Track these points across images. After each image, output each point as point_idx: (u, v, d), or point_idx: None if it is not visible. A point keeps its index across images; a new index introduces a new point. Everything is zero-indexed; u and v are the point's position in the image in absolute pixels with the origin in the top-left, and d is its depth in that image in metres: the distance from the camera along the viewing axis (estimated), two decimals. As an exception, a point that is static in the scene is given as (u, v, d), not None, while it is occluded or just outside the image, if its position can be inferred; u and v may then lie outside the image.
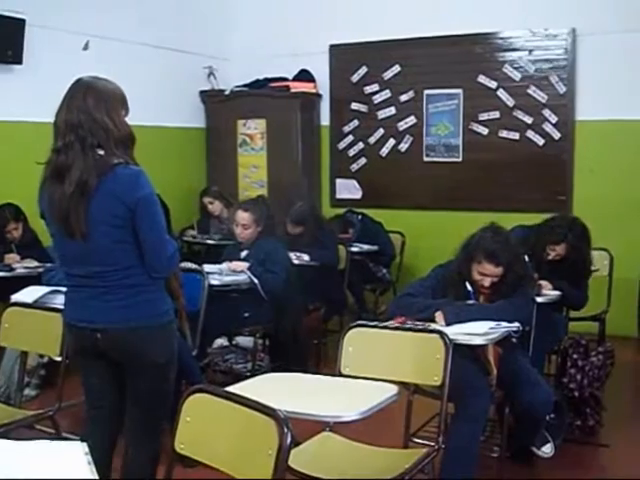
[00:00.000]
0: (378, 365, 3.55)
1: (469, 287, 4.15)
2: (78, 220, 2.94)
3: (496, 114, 7.83)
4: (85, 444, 2.15)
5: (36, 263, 5.80)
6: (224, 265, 5.66)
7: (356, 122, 8.55)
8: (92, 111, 2.96)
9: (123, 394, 3.22)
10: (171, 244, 3.15)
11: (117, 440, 3.31)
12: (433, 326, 3.78)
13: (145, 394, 3.17)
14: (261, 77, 8.66)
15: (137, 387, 3.16)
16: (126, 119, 3.10)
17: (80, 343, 3.22)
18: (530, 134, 7.70)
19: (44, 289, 4.61)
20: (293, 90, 8.46)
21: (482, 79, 7.86)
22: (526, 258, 4.46)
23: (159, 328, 3.14)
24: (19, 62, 6.42)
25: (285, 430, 2.24)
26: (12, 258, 5.97)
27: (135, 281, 3.06)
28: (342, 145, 8.66)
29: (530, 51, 7.65)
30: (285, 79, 8.59)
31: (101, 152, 2.97)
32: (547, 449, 4.35)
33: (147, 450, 3.22)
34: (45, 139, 3.06)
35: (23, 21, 6.33)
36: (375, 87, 8.40)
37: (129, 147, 3.06)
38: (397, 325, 3.80)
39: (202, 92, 8.75)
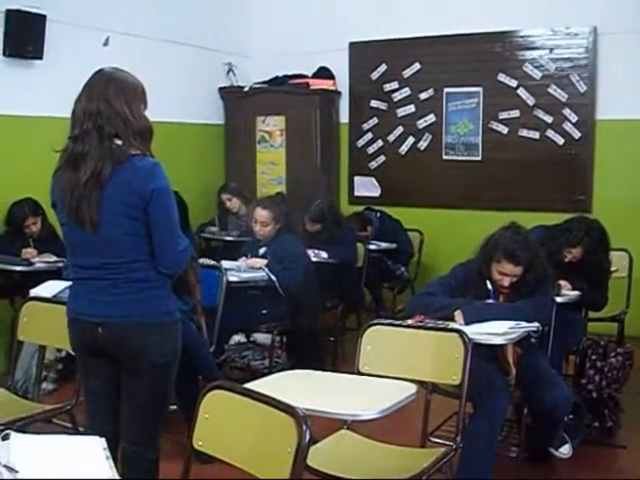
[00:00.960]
0: (396, 363, 3.55)
1: (490, 286, 4.13)
2: (90, 209, 2.92)
3: (516, 113, 7.80)
4: (104, 439, 2.15)
5: (55, 258, 5.80)
6: (242, 261, 5.67)
7: (375, 120, 8.54)
8: (112, 100, 2.95)
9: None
10: (183, 240, 3.10)
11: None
12: (452, 325, 3.77)
13: (143, 394, 3.10)
14: (280, 74, 8.65)
15: (136, 387, 3.09)
16: (145, 113, 3.09)
17: (81, 338, 3.15)
18: (550, 133, 7.66)
19: (63, 284, 4.61)
20: (312, 87, 8.45)
21: (502, 77, 7.83)
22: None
23: (163, 326, 3.09)
24: (40, 57, 6.43)
25: (304, 428, 2.24)
26: (29, 252, 5.98)
27: (143, 276, 3.03)
28: (361, 143, 8.65)
29: (551, 50, 7.60)
30: (304, 76, 8.58)
31: (118, 142, 2.96)
32: (565, 450, 4.34)
33: (145, 452, 3.16)
34: (64, 134, 3.04)
35: (44, 17, 6.35)
36: (395, 85, 8.38)
37: (147, 140, 3.04)
38: (416, 324, 3.79)
39: (221, 88, 8.75)
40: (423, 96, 8.24)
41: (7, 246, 5.97)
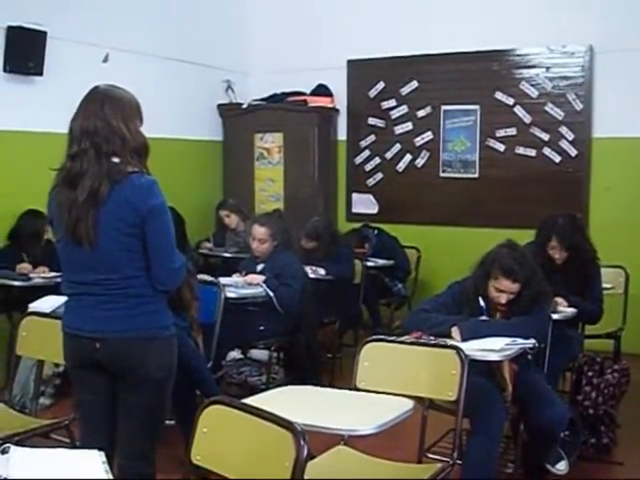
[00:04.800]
0: (393, 380, 3.55)
1: (482, 302, 4.14)
2: (87, 227, 2.93)
3: (513, 131, 7.84)
4: (102, 453, 2.16)
5: (53, 273, 5.80)
6: (237, 277, 5.69)
7: (373, 137, 8.58)
8: (109, 118, 2.96)
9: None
10: (179, 257, 3.12)
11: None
12: (449, 342, 3.78)
13: (140, 409, 3.10)
14: (279, 91, 8.70)
15: (132, 402, 3.09)
16: (142, 129, 3.10)
17: (78, 353, 3.15)
18: (547, 151, 7.71)
19: (62, 299, 4.57)
20: (310, 104, 8.49)
21: (499, 95, 7.87)
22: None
23: (159, 341, 3.10)
24: (40, 74, 6.48)
25: (302, 443, 2.26)
26: (25, 267, 5.99)
27: (139, 292, 3.04)
28: (359, 160, 8.68)
29: (547, 68, 7.66)
30: (303, 93, 8.63)
31: (116, 160, 2.96)
32: (561, 466, 4.34)
33: (141, 467, 3.15)
34: (64, 150, 3.05)
35: (44, 33, 6.40)
36: (392, 102, 8.43)
37: (143, 157, 3.06)
38: (413, 340, 3.80)
39: (220, 105, 8.78)
40: (420, 114, 8.28)
41: (4, 262, 5.98)
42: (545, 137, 7.70)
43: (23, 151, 6.49)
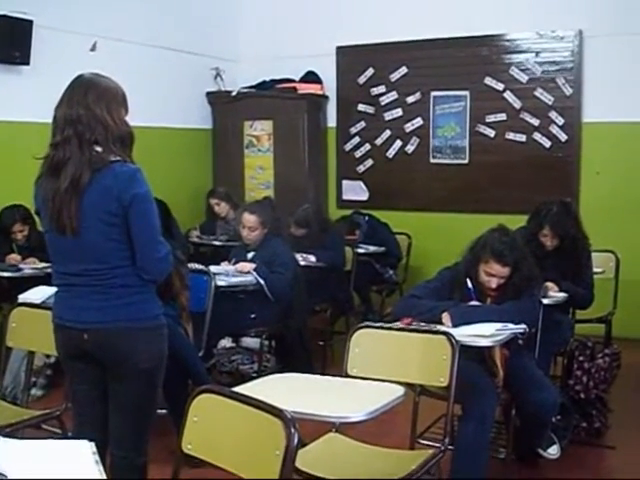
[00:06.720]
0: (384, 366, 3.56)
1: (470, 285, 4.14)
2: (70, 215, 2.92)
3: (503, 116, 7.84)
4: (93, 443, 2.15)
5: (43, 264, 5.78)
6: (227, 265, 5.68)
7: (363, 124, 8.56)
8: (92, 106, 2.94)
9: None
10: (163, 246, 3.08)
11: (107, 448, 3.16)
12: (440, 327, 3.78)
13: (130, 399, 3.09)
14: (268, 78, 8.68)
15: (122, 392, 3.08)
16: (128, 118, 3.08)
17: (68, 345, 3.14)
18: (537, 136, 7.71)
19: (52, 289, 4.59)
20: (300, 91, 8.47)
21: (489, 81, 7.86)
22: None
23: (148, 331, 3.08)
24: (26, 63, 6.44)
25: (292, 430, 2.25)
26: (14, 258, 5.97)
27: (125, 281, 3.02)
28: (349, 146, 8.67)
29: (537, 53, 7.65)
30: (292, 80, 8.60)
31: (98, 148, 2.94)
32: (553, 451, 4.36)
33: (132, 458, 3.15)
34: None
35: (30, 22, 6.36)
36: (382, 89, 8.41)
37: (128, 146, 3.03)
38: (404, 326, 3.80)
39: (209, 93, 8.76)
40: (410, 100, 8.27)
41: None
42: (535, 122, 7.70)
43: (10, 141, 6.46)
